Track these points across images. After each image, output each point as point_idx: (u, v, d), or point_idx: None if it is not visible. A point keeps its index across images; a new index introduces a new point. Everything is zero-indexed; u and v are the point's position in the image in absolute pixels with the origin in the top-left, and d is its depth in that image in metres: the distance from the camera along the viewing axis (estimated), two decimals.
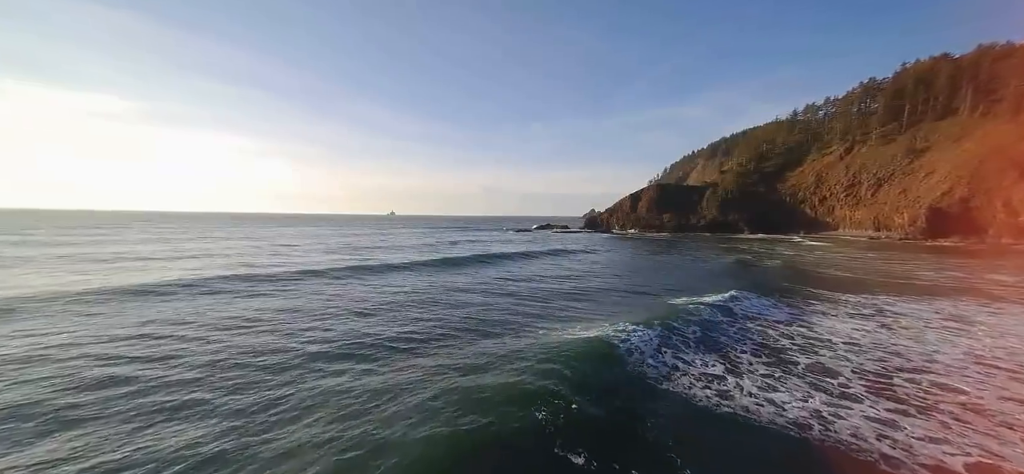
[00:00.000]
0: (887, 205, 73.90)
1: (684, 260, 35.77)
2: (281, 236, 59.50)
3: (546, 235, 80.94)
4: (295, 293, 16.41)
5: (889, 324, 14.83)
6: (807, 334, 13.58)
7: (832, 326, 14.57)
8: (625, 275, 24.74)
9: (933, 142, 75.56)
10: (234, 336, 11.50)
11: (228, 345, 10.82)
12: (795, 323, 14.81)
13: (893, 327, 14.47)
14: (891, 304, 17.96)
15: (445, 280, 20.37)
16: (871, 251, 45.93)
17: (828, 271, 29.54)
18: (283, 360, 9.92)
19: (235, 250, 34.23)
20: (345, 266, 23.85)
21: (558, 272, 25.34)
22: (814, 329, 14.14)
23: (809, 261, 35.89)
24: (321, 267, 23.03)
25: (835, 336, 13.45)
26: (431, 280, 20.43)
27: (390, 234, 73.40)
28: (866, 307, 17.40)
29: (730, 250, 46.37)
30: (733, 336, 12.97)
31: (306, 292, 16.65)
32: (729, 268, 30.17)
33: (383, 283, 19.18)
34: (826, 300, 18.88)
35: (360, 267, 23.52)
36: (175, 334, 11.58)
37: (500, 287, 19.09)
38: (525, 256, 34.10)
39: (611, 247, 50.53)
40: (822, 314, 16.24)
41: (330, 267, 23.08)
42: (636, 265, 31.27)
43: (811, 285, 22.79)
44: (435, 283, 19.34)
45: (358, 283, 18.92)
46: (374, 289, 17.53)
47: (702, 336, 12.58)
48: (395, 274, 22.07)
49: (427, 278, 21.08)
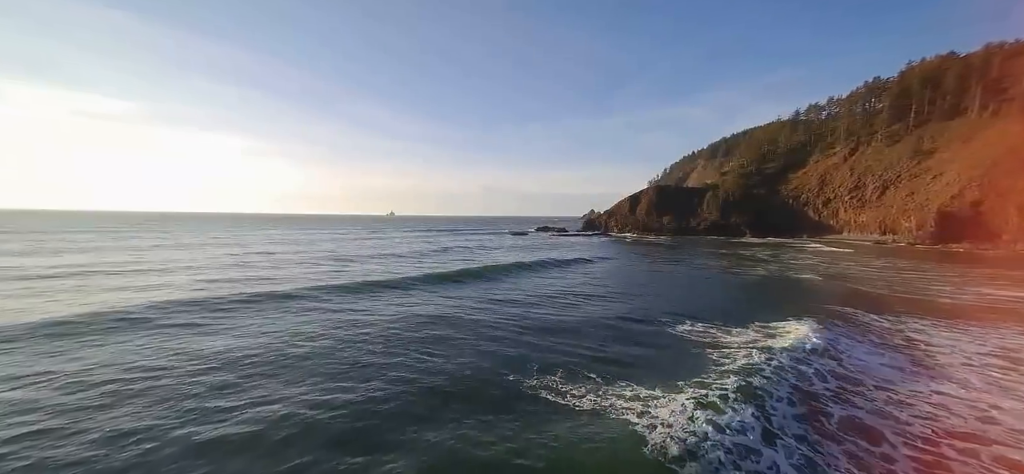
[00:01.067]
0: (893, 208, 71.69)
1: (700, 273, 32.44)
2: (268, 240, 57.38)
3: (544, 238, 78.74)
4: (237, 330, 13.83)
5: (924, 361, 12.60)
6: (836, 370, 11.36)
7: (862, 361, 12.33)
8: (643, 296, 21.49)
9: (941, 143, 73.30)
10: (98, 410, 8.37)
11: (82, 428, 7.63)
12: (825, 355, 12.58)
13: (931, 365, 12.23)
14: (921, 330, 15.71)
15: (421, 309, 17.23)
16: (881, 258, 43.65)
17: (841, 283, 27.19)
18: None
19: (204, 261, 31.86)
20: (316, 285, 20.99)
21: (560, 290, 22.47)
22: (843, 363, 11.92)
23: (820, 270, 33.66)
24: (288, 287, 20.19)
25: (867, 375, 11.23)
26: (406, 308, 17.40)
27: (383, 238, 71.23)
28: (893, 334, 15.17)
29: (741, 259, 43.97)
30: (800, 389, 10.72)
31: (251, 329, 14.22)
32: (760, 285, 27.13)
33: (348, 312, 16.52)
34: (849, 321, 16.64)
35: (331, 286, 20.69)
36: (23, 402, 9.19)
37: (491, 317, 16.16)
38: (521, 269, 30.73)
39: (613, 254, 48.03)
40: (848, 341, 14.00)
41: (298, 287, 20.24)
42: (650, 281, 27.63)
43: (824, 300, 20.58)
44: (410, 314, 16.21)
45: (319, 313, 16.49)
46: (334, 323, 14.82)
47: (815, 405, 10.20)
48: (365, 298, 19.11)
49: (402, 304, 18.15)
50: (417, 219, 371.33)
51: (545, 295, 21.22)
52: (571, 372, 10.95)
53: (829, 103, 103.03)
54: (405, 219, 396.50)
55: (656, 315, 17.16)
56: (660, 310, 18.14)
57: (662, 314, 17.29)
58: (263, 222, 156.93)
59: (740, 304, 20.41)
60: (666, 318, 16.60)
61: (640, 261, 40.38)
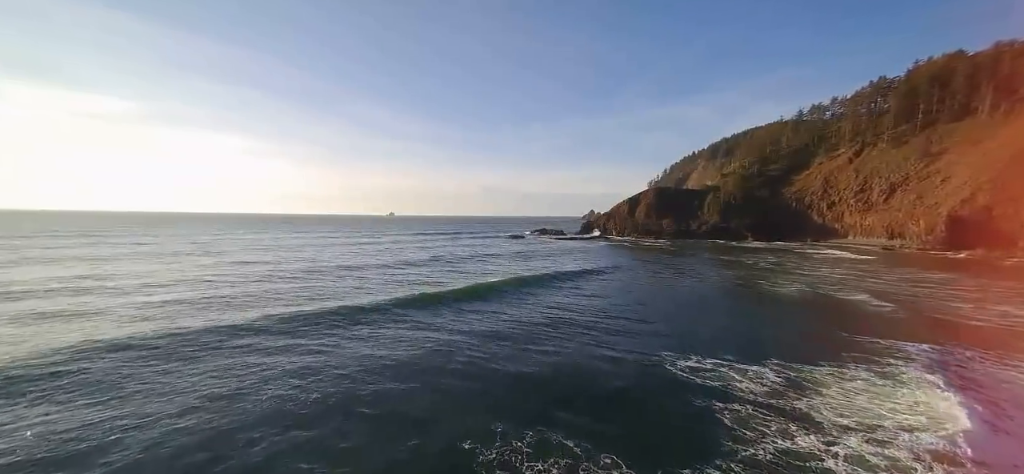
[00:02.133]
0: (901, 212, 69.36)
1: (716, 289, 28.98)
2: (250, 247, 55.09)
3: (540, 243, 76.43)
4: (156, 388, 11.43)
5: (989, 418, 10.27)
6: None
7: (907, 416, 9.97)
8: (652, 325, 18.51)
9: (950, 145, 70.98)
10: None
11: None
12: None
13: (995, 423, 9.95)
14: (968, 362, 13.44)
15: (376, 349, 14.41)
16: (898, 267, 41.07)
17: (910, 308, 22.99)
18: None
19: (165, 277, 29.32)
20: (263, 315, 17.84)
21: (549, 316, 19.82)
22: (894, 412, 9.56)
23: (864, 287, 30.93)
24: (229, 318, 17.35)
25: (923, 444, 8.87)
26: (359, 345, 14.71)
27: (374, 243, 68.98)
28: (934, 367, 12.88)
29: (756, 270, 41.52)
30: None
31: (187, 371, 11.91)
32: (806, 311, 23.02)
33: (302, 353, 14.01)
34: (880, 354, 14.32)
35: (285, 317, 17.64)
36: None
37: (457, 360, 13.62)
38: (506, 290, 26.92)
39: (611, 263, 45.15)
40: (896, 384, 11.63)
41: (240, 320, 17.30)
42: (658, 301, 24.63)
43: (846, 326, 18.27)
44: (356, 358, 13.42)
45: (266, 348, 14.23)
46: (282, 368, 12.59)
47: None
48: (320, 331, 16.31)
49: (357, 340, 15.38)
50: (416, 220, 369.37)
51: (530, 323, 18.75)
52: (543, 441, 8.74)
53: (833, 103, 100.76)
54: (404, 220, 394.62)
55: (679, 360, 13.99)
56: (690, 349, 15.06)
57: (693, 357, 14.38)
58: (258, 224, 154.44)
59: (797, 344, 16.08)
60: (698, 366, 13.78)
61: (642, 272, 37.51)
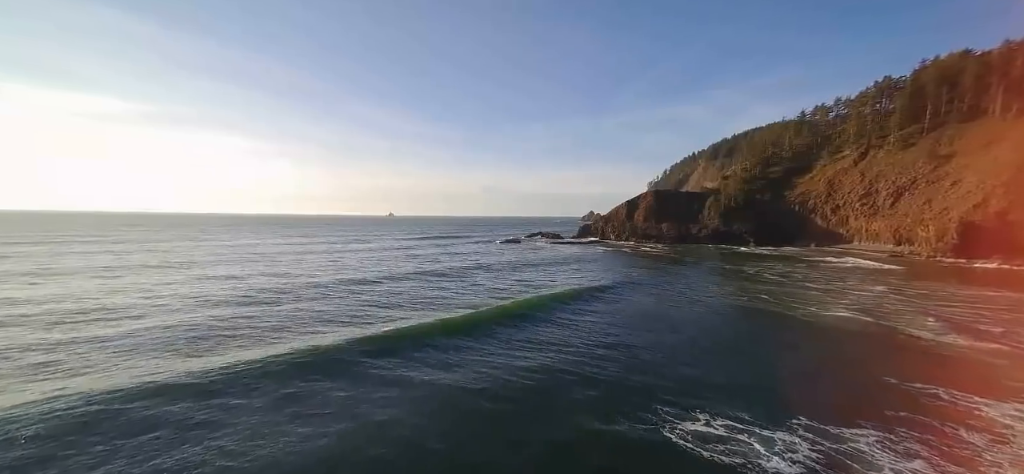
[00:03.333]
0: (909, 217, 66.81)
1: (742, 316, 24.90)
2: (225, 257, 52.63)
3: (535, 249, 73.95)
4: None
5: None
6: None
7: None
8: (668, 378, 14.79)
9: (959, 147, 68.41)
10: None
11: None
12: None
13: None
14: None
15: (300, 427, 10.97)
16: (919, 279, 38.13)
17: (900, 326, 21.06)
18: None
19: (103, 300, 26.66)
20: (167, 377, 13.52)
21: (528, 365, 15.77)
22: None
23: (858, 299, 28.76)
24: (121, 377, 13.72)
25: None
26: (273, 426, 11.06)
27: (361, 248, 66.55)
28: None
29: (775, 286, 38.99)
30: None
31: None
32: (822, 333, 20.17)
33: (211, 412, 11.54)
34: (945, 414, 11.85)
35: (196, 376, 13.70)
36: None
37: (386, 443, 10.43)
38: (481, 326, 21.19)
39: (610, 275, 41.94)
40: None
41: (187, 372, 14.06)
42: (669, 333, 20.61)
43: (888, 365, 15.78)
44: (259, 447, 10.09)
45: (173, 412, 11.77)
46: (180, 438, 10.17)
47: None
48: (230, 390, 12.89)
49: (278, 409, 11.95)
50: (415, 220, 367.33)
51: (502, 375, 15.01)
52: None
53: (837, 103, 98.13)
54: (403, 220, 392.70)
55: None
56: (696, 403, 12.31)
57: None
58: (252, 226, 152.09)
59: (829, 395, 12.99)
60: (706, 431, 11.04)
61: (639, 291, 33.10)
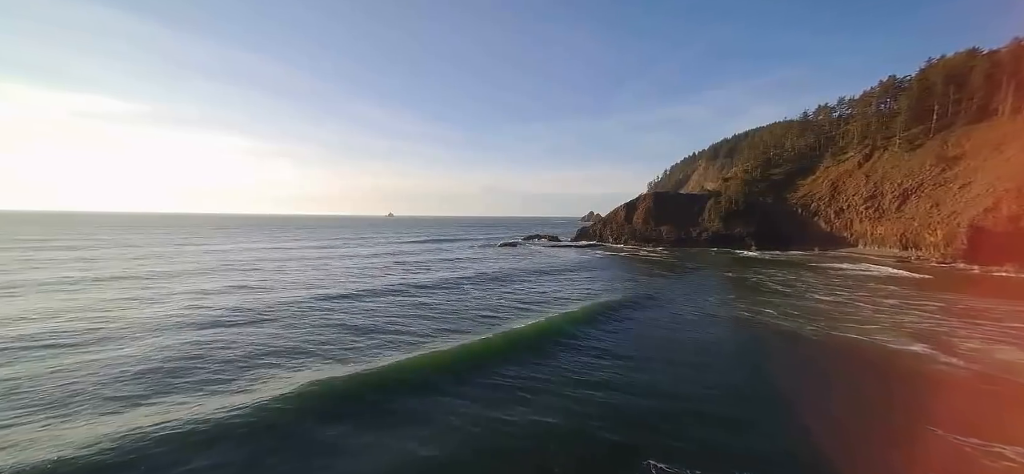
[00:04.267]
0: (916, 221, 64.71)
1: (730, 339, 22.12)
2: (212, 264, 50.60)
3: (529, 256, 71.87)
4: None
5: None
6: None
7: None
8: (666, 429, 12.30)
9: (968, 148, 66.29)
10: None
11: None
12: None
13: None
14: None
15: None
16: (945, 289, 35.47)
17: (938, 354, 18.18)
18: None
19: (79, 315, 24.80)
20: (108, 434, 13.25)
21: (504, 435, 12.05)
22: None
23: (877, 317, 26.66)
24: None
25: None
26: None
27: (347, 254, 64.52)
28: None
29: (793, 302, 36.94)
30: None
31: None
32: (844, 366, 17.62)
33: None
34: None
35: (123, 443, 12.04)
36: None
37: None
38: (465, 366, 16.90)
39: (605, 288, 40.54)
40: None
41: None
42: (665, 368, 17.23)
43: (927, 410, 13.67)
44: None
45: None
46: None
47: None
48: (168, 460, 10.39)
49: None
50: (414, 221, 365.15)
51: (479, 445, 11.39)
52: None
53: (840, 103, 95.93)
54: (402, 221, 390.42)
55: None
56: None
57: None
58: (244, 228, 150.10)
59: (870, 455, 10.78)
60: None
61: (636, 311, 30.72)
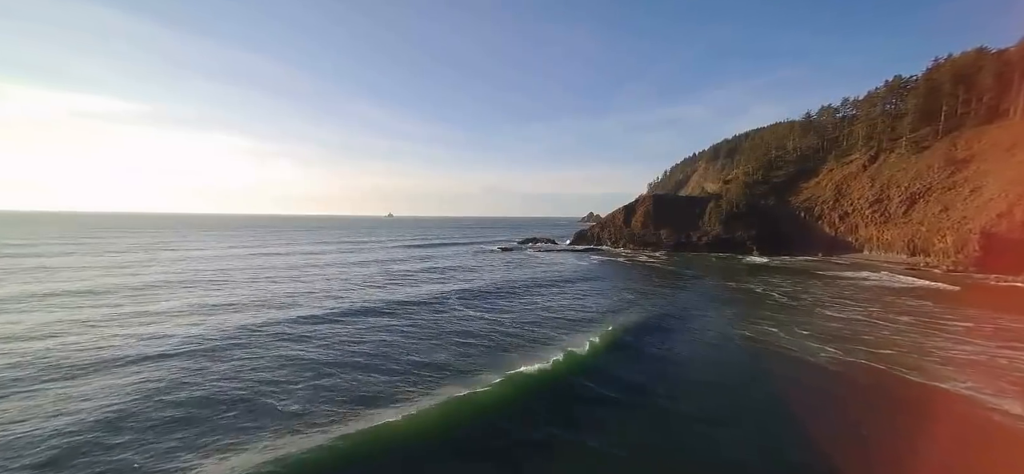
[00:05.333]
0: (924, 226, 62.31)
1: (739, 379, 18.75)
2: (181, 274, 48.33)
3: (526, 259, 69.54)
4: None
5: None
6: None
7: None
8: None
9: (978, 151, 63.85)
10: None
11: None
12: None
13: None
14: None
15: None
16: (968, 307, 32.20)
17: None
18: None
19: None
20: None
21: None
22: None
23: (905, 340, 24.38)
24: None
25: None
26: None
27: (325, 264, 62.27)
28: None
29: (773, 307, 34.67)
30: None
31: None
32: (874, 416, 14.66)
33: None
34: None
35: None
36: None
37: None
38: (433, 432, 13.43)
39: (609, 298, 38.31)
40: None
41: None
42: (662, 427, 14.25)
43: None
44: None
45: None
46: None
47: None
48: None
49: None
50: (413, 222, 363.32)
51: None
52: None
53: (844, 104, 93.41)
54: (401, 221, 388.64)
55: None
56: None
57: None
58: (237, 229, 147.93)
59: None
60: None
61: (630, 337, 29.22)
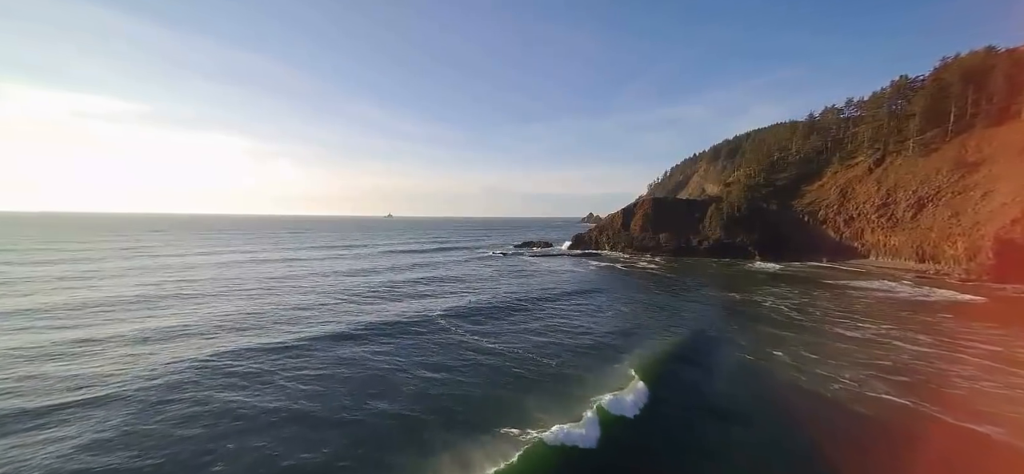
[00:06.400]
0: (933, 231, 60.12)
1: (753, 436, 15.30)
2: (150, 286, 46.23)
3: (520, 266, 67.35)
4: None
5: None
6: None
7: None
8: None
9: (989, 153, 61.62)
10: None
11: None
12: None
13: None
14: None
15: None
16: (995, 325, 29.14)
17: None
18: None
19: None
20: None
21: None
22: None
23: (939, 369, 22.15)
24: None
25: None
26: None
27: (310, 276, 60.17)
28: None
29: (782, 324, 32.48)
30: None
31: None
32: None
33: None
34: None
35: None
36: None
37: None
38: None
39: (606, 314, 36.38)
40: None
41: None
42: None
43: None
44: None
45: None
46: None
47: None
48: None
49: None
50: (411, 222, 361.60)
51: None
52: None
53: (848, 104, 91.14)
54: (400, 222, 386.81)
55: None
56: None
57: None
58: (231, 230, 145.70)
59: None
60: None
61: (621, 364, 28.09)
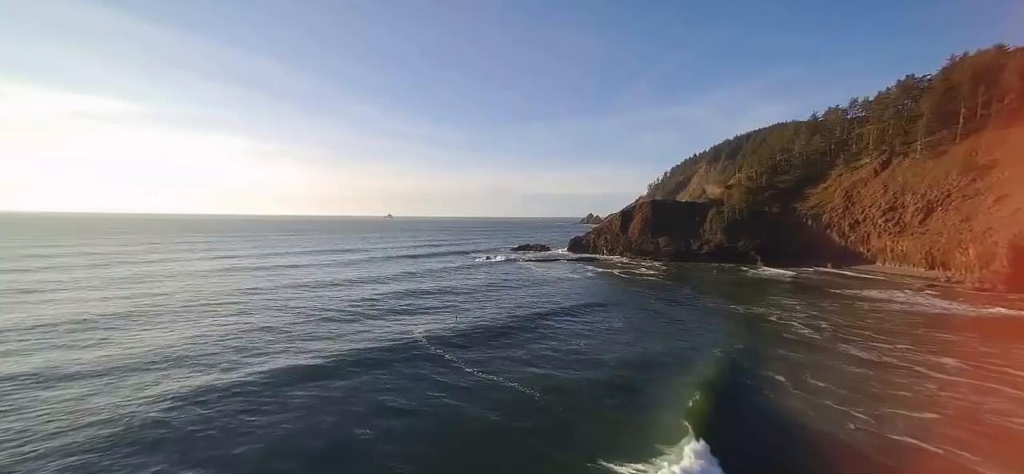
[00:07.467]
0: (943, 237, 57.81)
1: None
2: (122, 300, 44.10)
3: (516, 273, 65.15)
4: None
5: None
6: None
7: None
8: None
9: (1001, 156, 59.37)
10: None
11: None
12: None
13: None
14: None
15: None
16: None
17: None
18: None
19: None
20: None
21: None
22: None
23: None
24: None
25: None
26: None
27: (292, 288, 57.96)
28: None
29: (794, 342, 30.26)
30: None
31: None
32: None
33: None
34: None
35: None
36: None
37: None
38: None
39: (602, 330, 34.13)
40: None
41: None
42: None
43: None
44: None
45: None
46: None
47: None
48: None
49: None
50: (410, 223, 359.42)
51: None
52: None
53: (853, 105, 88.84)
54: (398, 223, 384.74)
55: None
56: None
57: None
58: (227, 231, 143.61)
59: None
60: None
61: (617, 391, 25.69)
